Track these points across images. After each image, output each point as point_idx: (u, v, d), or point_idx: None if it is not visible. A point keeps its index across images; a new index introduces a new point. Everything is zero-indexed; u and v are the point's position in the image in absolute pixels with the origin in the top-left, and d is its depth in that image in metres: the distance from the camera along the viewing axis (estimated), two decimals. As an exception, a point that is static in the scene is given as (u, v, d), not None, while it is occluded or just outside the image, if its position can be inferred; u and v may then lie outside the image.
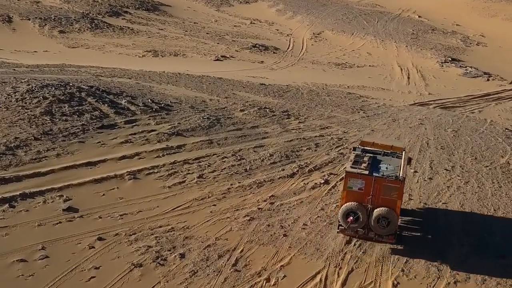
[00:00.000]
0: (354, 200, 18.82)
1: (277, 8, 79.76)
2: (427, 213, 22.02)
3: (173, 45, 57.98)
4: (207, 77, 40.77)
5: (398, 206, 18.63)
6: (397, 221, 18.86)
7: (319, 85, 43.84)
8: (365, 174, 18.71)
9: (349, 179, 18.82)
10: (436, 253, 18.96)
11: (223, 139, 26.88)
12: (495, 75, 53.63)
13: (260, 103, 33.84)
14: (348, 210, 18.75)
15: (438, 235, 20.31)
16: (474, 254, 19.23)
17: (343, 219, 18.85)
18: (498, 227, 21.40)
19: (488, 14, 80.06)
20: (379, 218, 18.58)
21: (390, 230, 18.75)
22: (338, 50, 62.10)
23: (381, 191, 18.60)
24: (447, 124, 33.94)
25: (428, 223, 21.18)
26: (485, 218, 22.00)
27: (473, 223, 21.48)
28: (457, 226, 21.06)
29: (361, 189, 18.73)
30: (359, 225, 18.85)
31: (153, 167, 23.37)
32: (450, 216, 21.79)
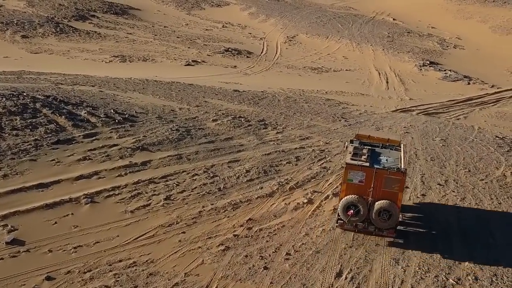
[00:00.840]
0: (354, 193, 18.08)
1: (249, 11, 77.02)
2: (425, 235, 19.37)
3: (142, 49, 54.86)
4: (177, 84, 37.76)
5: (399, 199, 17.98)
6: (399, 214, 18.22)
7: (296, 91, 41.11)
8: (366, 166, 17.98)
9: (349, 172, 18.04)
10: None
11: (193, 153, 23.93)
12: (475, 78, 51.47)
13: (234, 111, 30.97)
14: (349, 203, 17.99)
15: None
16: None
17: (343, 213, 18.07)
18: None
19: (463, 16, 78.25)
20: (380, 211, 17.89)
21: (391, 224, 18.09)
22: (314, 54, 59.51)
23: (382, 184, 17.91)
24: (434, 132, 31.41)
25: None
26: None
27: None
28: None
29: (362, 182, 18.00)
30: (360, 218, 18.09)
31: (113, 188, 20.34)
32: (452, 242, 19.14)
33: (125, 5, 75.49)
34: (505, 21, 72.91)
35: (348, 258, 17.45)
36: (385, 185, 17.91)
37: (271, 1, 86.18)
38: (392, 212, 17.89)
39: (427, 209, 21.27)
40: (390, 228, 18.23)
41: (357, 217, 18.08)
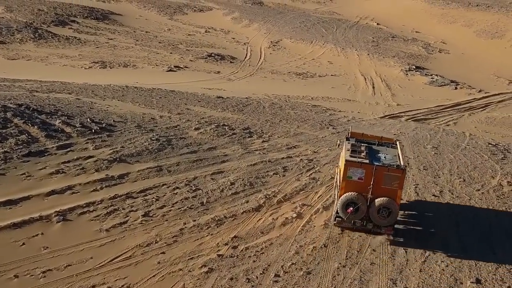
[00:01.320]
0: (353, 190, 17.75)
1: (232, 16, 75.59)
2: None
3: (123, 55, 53.17)
4: (158, 90, 36.18)
5: (398, 196, 17.84)
6: (398, 211, 18.00)
7: (281, 97, 39.69)
8: (366, 163, 17.77)
9: (349, 168, 17.73)
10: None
11: (174, 165, 22.37)
12: (462, 83, 50.37)
13: (218, 119, 29.45)
14: (348, 200, 17.67)
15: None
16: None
17: (343, 210, 17.73)
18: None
19: (447, 20, 77.39)
20: (380, 208, 17.63)
21: (390, 221, 17.83)
22: (298, 59, 58.16)
23: (382, 181, 17.66)
24: (425, 139, 30.10)
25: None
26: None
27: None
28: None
29: (361, 179, 17.73)
30: (359, 216, 17.80)
31: (88, 204, 18.75)
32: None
33: (106, 10, 73.83)
34: (489, 25, 72.08)
35: (341, 279, 16.01)
36: (385, 182, 17.68)
37: (254, 6, 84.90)
38: (391, 209, 17.65)
39: (424, 222, 19.91)
40: (388, 226, 17.95)
41: (356, 215, 17.77)
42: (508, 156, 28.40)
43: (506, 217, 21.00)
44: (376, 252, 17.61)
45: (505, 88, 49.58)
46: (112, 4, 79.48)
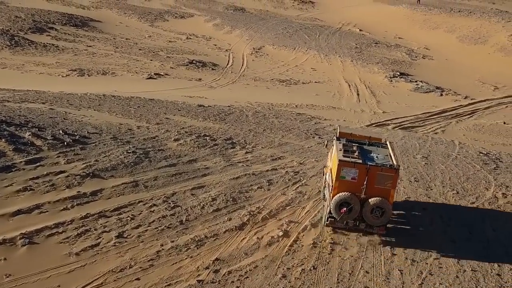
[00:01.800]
0: (346, 190, 17.63)
1: (214, 23, 74.05)
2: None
3: (102, 62, 51.42)
4: (137, 99, 34.56)
5: (391, 195, 17.75)
6: (391, 211, 17.93)
7: (264, 105, 38.22)
8: (359, 163, 17.68)
9: (342, 168, 17.59)
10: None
11: (152, 179, 20.82)
12: (447, 89, 49.25)
13: (199, 129, 27.90)
14: (342, 200, 17.56)
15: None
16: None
17: (336, 211, 17.62)
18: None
19: (429, 26, 76.47)
20: (373, 208, 17.54)
21: (383, 221, 17.76)
22: (281, 66, 56.77)
23: (375, 180, 17.56)
24: (414, 149, 28.77)
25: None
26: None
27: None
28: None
29: (354, 179, 17.59)
30: (352, 216, 17.70)
31: (57, 224, 17.15)
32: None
33: (86, 17, 71.90)
34: (472, 31, 71.23)
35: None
36: (378, 182, 17.57)
37: (236, 13, 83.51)
38: (385, 209, 17.56)
39: (419, 238, 18.52)
40: (381, 226, 17.86)
41: (349, 215, 17.64)
42: (500, 166, 27.18)
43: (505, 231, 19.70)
44: (370, 274, 16.23)
45: (491, 94, 48.51)
46: (92, 11, 77.62)
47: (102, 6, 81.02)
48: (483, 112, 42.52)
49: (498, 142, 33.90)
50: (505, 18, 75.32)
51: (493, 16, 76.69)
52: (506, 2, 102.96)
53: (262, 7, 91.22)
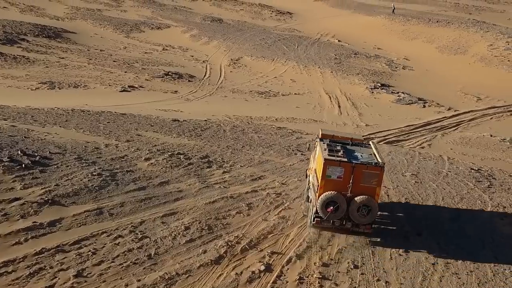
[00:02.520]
0: (332, 189, 17.62)
1: (191, 34, 71.80)
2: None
3: (74, 75, 48.82)
4: (108, 114, 32.14)
5: (377, 193, 17.80)
6: (377, 209, 17.90)
7: (243, 119, 36.00)
8: (344, 162, 17.71)
9: (328, 167, 17.57)
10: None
11: (118, 205, 18.47)
12: (430, 101, 47.45)
13: (173, 146, 25.58)
14: (328, 199, 17.53)
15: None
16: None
17: (323, 210, 17.56)
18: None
19: (408, 37, 75.01)
20: (359, 206, 17.56)
21: (370, 219, 17.80)
22: (260, 77, 54.64)
23: (361, 179, 17.59)
24: (402, 165, 26.74)
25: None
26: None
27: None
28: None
29: (340, 177, 17.61)
30: (339, 215, 17.67)
31: (6, 263, 14.75)
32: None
33: (60, 28, 69.16)
34: (451, 41, 69.86)
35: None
36: (364, 180, 17.55)
37: (214, 23, 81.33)
38: (371, 207, 17.56)
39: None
40: (367, 224, 17.83)
41: (336, 214, 17.59)
42: (494, 183, 25.26)
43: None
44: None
45: (474, 106, 46.80)
46: (66, 22, 74.96)
47: (77, 17, 78.40)
48: (468, 124, 40.72)
49: (487, 156, 32.02)
50: (483, 29, 74.17)
51: (471, 27, 75.52)
52: (482, 13, 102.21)
53: (239, 18, 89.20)
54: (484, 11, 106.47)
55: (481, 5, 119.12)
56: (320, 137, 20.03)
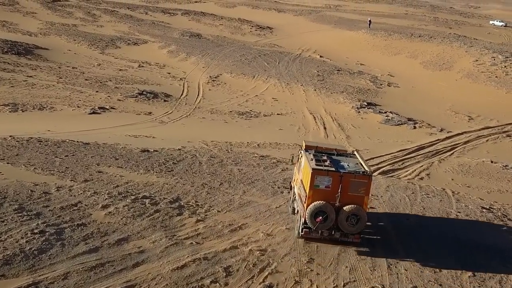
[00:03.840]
0: (320, 198, 17.11)
1: (168, 49, 67.49)
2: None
3: (41, 95, 44.21)
4: (68, 144, 27.64)
5: (365, 202, 17.32)
6: (366, 218, 17.32)
7: (222, 145, 31.73)
8: (332, 171, 17.27)
9: (316, 177, 17.07)
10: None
11: (60, 278, 14.06)
12: (420, 121, 43.56)
13: (137, 187, 21.19)
14: (317, 209, 17.01)
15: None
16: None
17: (311, 220, 17.02)
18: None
19: (390, 52, 71.37)
20: (348, 215, 17.04)
21: (359, 228, 17.32)
22: (240, 96, 50.46)
23: (349, 188, 17.12)
24: (404, 205, 22.60)
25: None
26: None
27: None
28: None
29: (328, 187, 17.11)
30: (328, 225, 17.16)
31: None
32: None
33: (31, 44, 64.55)
34: (435, 56, 66.33)
35: None
36: (352, 189, 17.15)
37: (192, 39, 77.11)
38: (360, 216, 17.16)
39: None
40: (356, 234, 17.37)
41: (325, 224, 17.13)
42: (510, 225, 21.22)
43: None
44: None
45: (467, 126, 42.99)
46: (39, 37, 70.41)
47: (51, 32, 73.83)
48: (464, 147, 36.82)
49: (493, 188, 28.01)
50: (467, 43, 70.85)
51: (454, 41, 72.18)
52: (462, 27, 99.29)
53: (219, 33, 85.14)
54: (464, 25, 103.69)
55: (458, 19, 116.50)
56: (304, 148, 19.57)
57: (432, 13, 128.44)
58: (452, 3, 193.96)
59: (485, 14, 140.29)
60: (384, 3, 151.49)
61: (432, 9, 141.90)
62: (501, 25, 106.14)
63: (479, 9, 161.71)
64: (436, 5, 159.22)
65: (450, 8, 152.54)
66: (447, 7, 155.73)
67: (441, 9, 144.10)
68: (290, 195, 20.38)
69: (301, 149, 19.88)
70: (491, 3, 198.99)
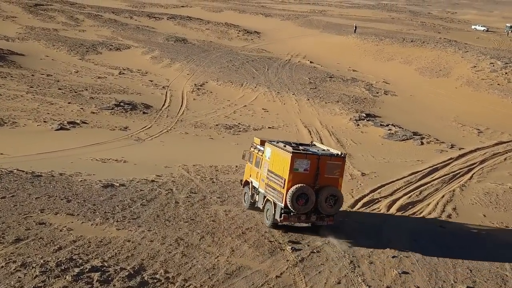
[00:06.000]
0: (300, 182, 17.03)
1: (152, 55, 60.87)
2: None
3: (5, 107, 37.43)
4: (13, 178, 21.00)
5: (340, 184, 17.62)
6: (343, 198, 17.77)
7: (205, 172, 25.29)
8: (310, 154, 17.34)
9: (295, 160, 17.01)
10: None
11: None
12: (426, 135, 37.33)
13: (87, 250, 14.67)
14: (299, 192, 16.95)
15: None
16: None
17: (294, 203, 16.95)
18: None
19: (383, 57, 65.28)
20: (327, 196, 17.22)
21: (337, 208, 17.65)
22: (227, 106, 44.04)
23: (325, 170, 17.24)
24: (446, 269, 16.24)
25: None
26: None
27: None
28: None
29: (307, 170, 17.12)
30: (308, 207, 17.13)
31: None
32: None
33: (6, 50, 57.59)
34: (430, 62, 60.31)
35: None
36: (328, 171, 17.24)
37: (177, 44, 70.47)
38: (338, 196, 17.39)
39: None
40: (330, 216, 17.48)
41: (306, 206, 17.09)
42: None
43: None
44: None
45: (478, 141, 36.84)
46: (17, 43, 63.43)
47: (30, 37, 66.82)
48: (482, 169, 30.65)
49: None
50: (461, 49, 64.90)
51: (448, 46, 66.22)
52: (451, 32, 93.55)
53: (205, 38, 78.68)
54: (452, 30, 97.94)
55: (441, 24, 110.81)
56: (259, 143, 19.72)
57: (416, 18, 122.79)
58: (429, 9, 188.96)
59: (463, 19, 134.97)
60: (365, 8, 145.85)
61: (412, 14, 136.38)
62: (482, 30, 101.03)
63: (456, 14, 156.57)
64: (414, 11, 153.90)
65: (429, 14, 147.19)
66: (425, 13, 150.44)
67: (420, 15, 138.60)
68: (245, 191, 20.11)
69: (255, 144, 19.91)
70: (466, 8, 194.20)
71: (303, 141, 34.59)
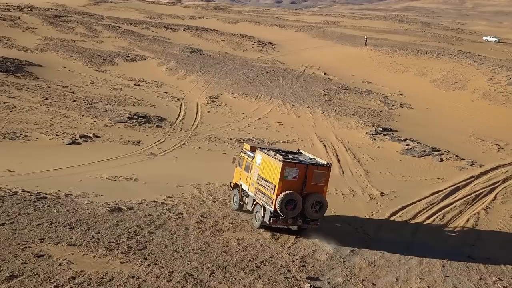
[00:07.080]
0: (289, 188, 17.80)
1: (167, 66, 59.36)
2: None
3: (18, 120, 36.01)
4: (18, 198, 19.38)
5: (325, 191, 18.31)
6: (327, 204, 18.33)
7: (218, 192, 23.55)
8: (299, 163, 18.07)
9: (285, 169, 17.72)
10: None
11: None
12: (445, 151, 35.32)
13: (88, 287, 12.94)
14: (288, 197, 17.75)
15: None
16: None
17: (283, 208, 17.73)
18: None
19: (398, 69, 63.22)
20: (313, 203, 17.93)
21: (322, 214, 18.37)
22: (241, 119, 42.30)
23: (312, 178, 17.95)
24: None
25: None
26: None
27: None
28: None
29: (295, 178, 17.83)
30: (296, 212, 17.94)
31: None
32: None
33: (24, 61, 56.29)
34: (445, 74, 58.23)
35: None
36: (314, 179, 17.95)
37: (193, 55, 68.96)
38: (322, 202, 18.13)
39: None
40: (316, 220, 18.20)
41: (294, 211, 17.80)
42: None
43: None
44: None
45: (499, 158, 34.79)
46: (35, 54, 62.15)
47: (48, 48, 65.59)
48: (504, 187, 28.59)
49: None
50: (476, 61, 62.71)
51: (463, 58, 64.06)
52: (464, 43, 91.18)
53: (220, 49, 77.06)
54: (465, 41, 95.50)
55: (453, 35, 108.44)
56: (248, 150, 20.32)
57: (428, 29, 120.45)
58: (440, 20, 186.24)
59: (473, 30, 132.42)
60: (377, 19, 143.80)
61: (424, 25, 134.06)
62: (494, 41, 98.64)
63: (466, 25, 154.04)
64: (425, 22, 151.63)
65: (439, 25, 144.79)
66: (436, 24, 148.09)
67: (432, 26, 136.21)
68: (234, 193, 20.79)
69: (245, 150, 20.60)
70: (476, 19, 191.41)
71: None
